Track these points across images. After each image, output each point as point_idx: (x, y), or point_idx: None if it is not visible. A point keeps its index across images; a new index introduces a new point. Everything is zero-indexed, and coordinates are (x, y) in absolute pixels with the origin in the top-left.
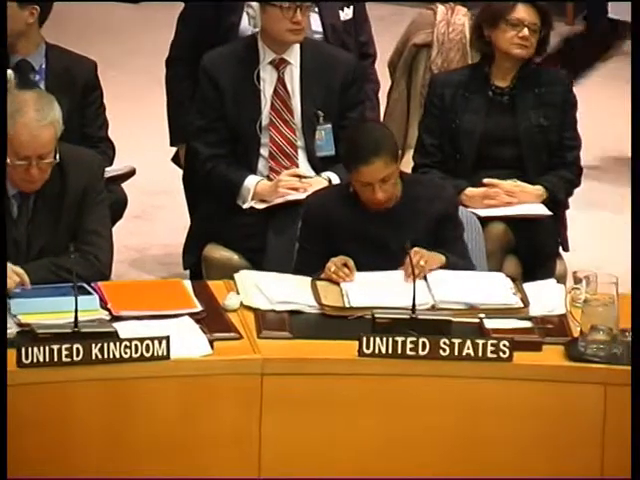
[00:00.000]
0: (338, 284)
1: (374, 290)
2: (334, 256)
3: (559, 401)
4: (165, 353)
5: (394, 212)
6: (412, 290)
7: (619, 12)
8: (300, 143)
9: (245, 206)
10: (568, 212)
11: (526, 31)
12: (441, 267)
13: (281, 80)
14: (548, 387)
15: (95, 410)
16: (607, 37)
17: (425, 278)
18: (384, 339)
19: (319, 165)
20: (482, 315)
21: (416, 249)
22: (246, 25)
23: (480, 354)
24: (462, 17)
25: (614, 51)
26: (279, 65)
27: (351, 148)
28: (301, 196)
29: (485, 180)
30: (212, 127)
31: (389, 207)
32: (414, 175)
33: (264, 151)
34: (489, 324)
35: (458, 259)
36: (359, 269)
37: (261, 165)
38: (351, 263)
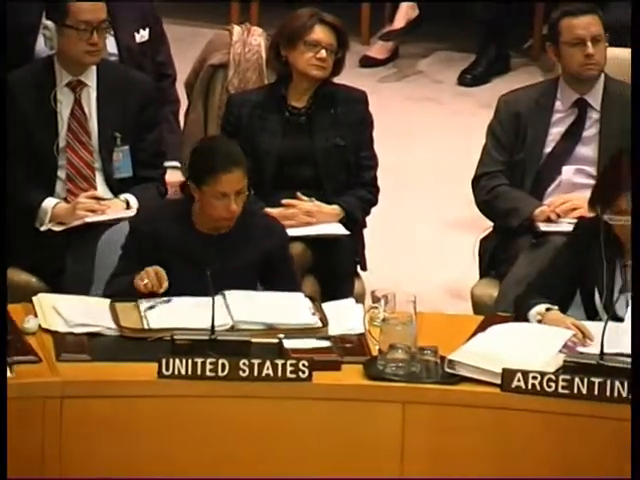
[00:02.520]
0: (138, 306)
1: (173, 311)
2: None
3: (358, 420)
4: None
5: (225, 237)
6: (211, 311)
7: None
8: (98, 165)
9: (43, 229)
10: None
11: (323, 52)
12: None
13: (78, 102)
14: (347, 406)
15: None
16: None
17: (224, 298)
18: (183, 361)
19: (117, 187)
20: (281, 335)
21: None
22: (42, 47)
23: (279, 374)
24: (258, 37)
25: None
26: (76, 87)
27: (207, 159)
28: (99, 218)
29: (284, 201)
30: (10, 149)
31: (222, 232)
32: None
33: (61, 173)
34: (288, 344)
35: None
36: (178, 289)
37: (59, 187)
38: (162, 274)
